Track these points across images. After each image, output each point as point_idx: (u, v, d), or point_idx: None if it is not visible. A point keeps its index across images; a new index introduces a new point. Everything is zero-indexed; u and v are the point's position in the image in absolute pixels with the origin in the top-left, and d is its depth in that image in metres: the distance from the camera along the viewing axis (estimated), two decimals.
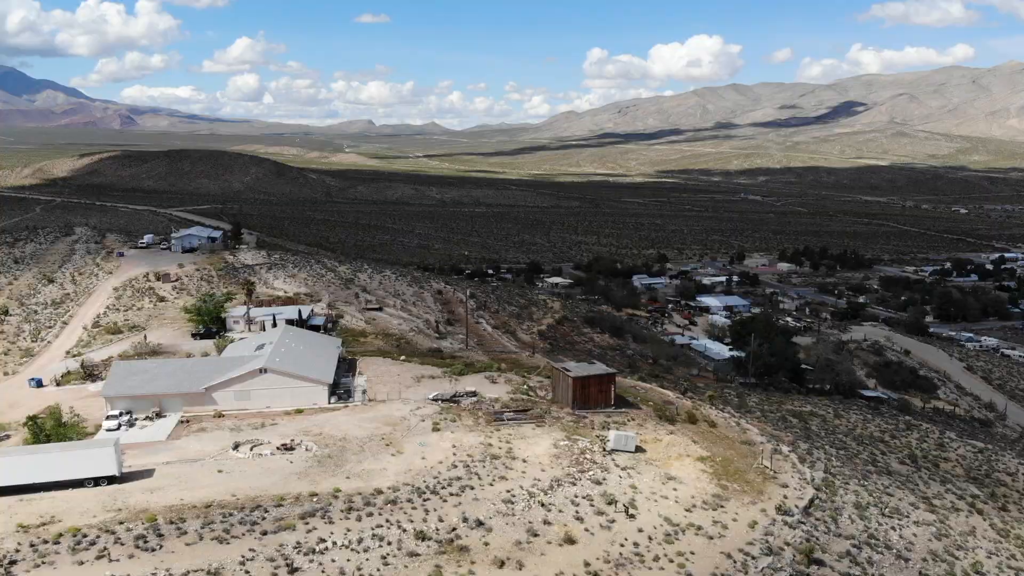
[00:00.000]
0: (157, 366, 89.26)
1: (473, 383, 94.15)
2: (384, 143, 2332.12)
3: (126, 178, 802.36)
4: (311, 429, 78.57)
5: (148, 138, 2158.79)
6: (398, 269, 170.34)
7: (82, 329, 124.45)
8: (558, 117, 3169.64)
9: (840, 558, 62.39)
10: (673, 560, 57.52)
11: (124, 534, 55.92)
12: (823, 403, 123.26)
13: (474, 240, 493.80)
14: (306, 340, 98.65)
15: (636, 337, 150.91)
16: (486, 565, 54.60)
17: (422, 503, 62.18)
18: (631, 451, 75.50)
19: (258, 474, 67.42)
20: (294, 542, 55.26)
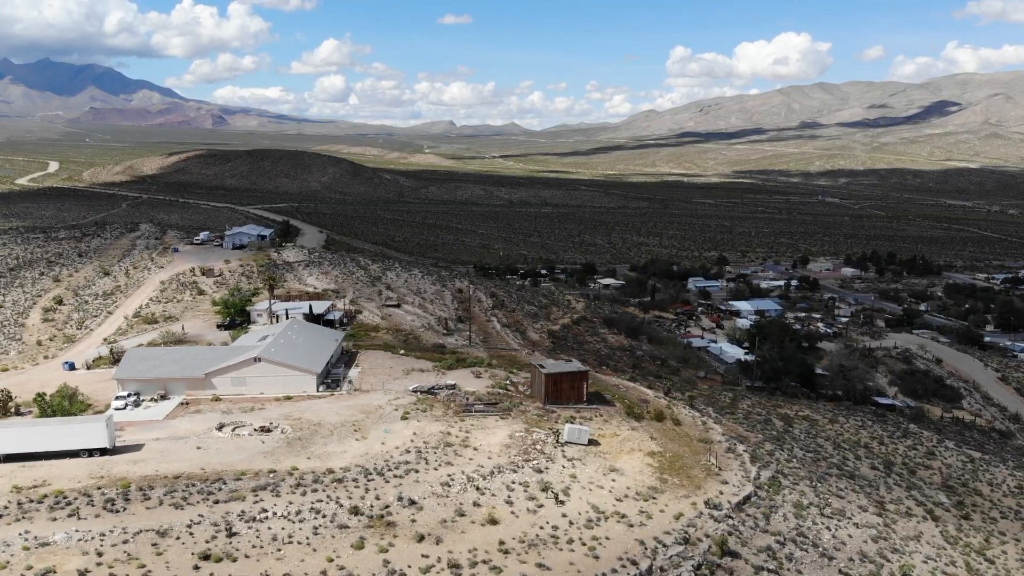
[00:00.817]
0: (166, 353, 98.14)
1: (458, 377, 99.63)
2: (463, 144, 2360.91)
3: (210, 176, 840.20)
4: (292, 414, 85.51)
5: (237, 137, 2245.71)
6: (426, 268, 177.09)
7: (123, 319, 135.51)
8: (638, 116, 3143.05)
9: (758, 552, 65.11)
10: (586, 543, 61.51)
11: (98, 497, 63.61)
12: (826, 408, 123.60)
13: (534, 240, 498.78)
14: (307, 333, 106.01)
15: (651, 338, 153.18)
16: (406, 539, 59.89)
17: (366, 482, 67.96)
18: (583, 444, 79.50)
19: (231, 452, 74.56)
20: (239, 511, 61.83)
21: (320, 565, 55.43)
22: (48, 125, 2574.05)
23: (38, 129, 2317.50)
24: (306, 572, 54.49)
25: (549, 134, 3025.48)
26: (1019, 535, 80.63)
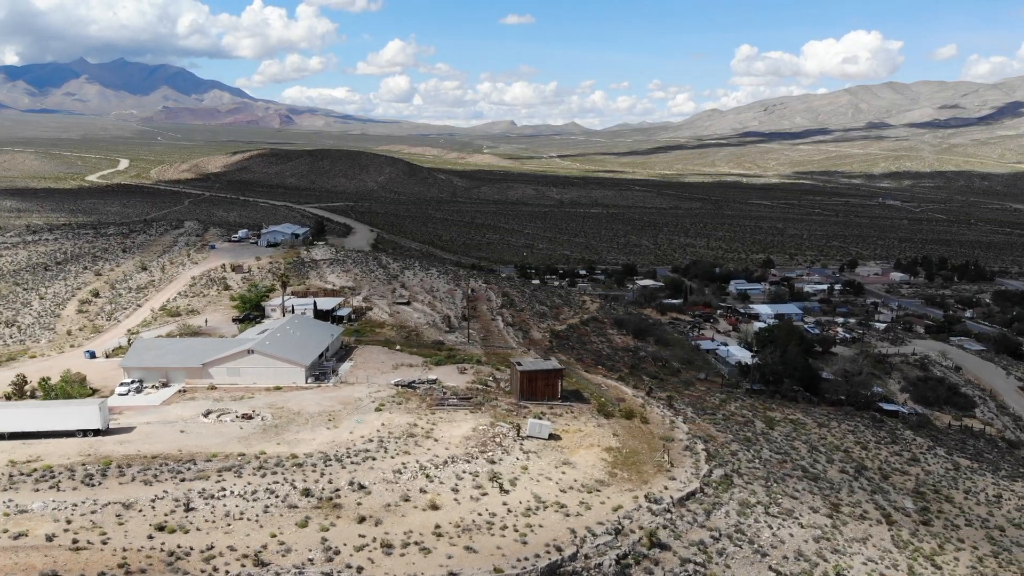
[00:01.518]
0: (169, 344, 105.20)
1: (444, 373, 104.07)
2: (522, 144, 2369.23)
3: (272, 175, 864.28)
4: (277, 403, 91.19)
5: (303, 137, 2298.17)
6: (444, 267, 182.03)
7: (150, 311, 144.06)
8: (700, 115, 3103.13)
9: (689, 545, 67.72)
10: (518, 530, 65.16)
11: (80, 472, 69.99)
12: (821, 413, 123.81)
13: (579, 241, 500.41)
14: (304, 327, 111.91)
15: (659, 340, 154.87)
16: (348, 520, 64.51)
17: (324, 467, 72.87)
18: (544, 438, 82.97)
19: (210, 436, 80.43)
20: (200, 488, 67.38)
21: (263, 540, 60.46)
22: (122, 123, 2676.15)
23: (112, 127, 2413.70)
24: (248, 545, 59.55)
25: (609, 133, 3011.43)
26: (978, 543, 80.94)
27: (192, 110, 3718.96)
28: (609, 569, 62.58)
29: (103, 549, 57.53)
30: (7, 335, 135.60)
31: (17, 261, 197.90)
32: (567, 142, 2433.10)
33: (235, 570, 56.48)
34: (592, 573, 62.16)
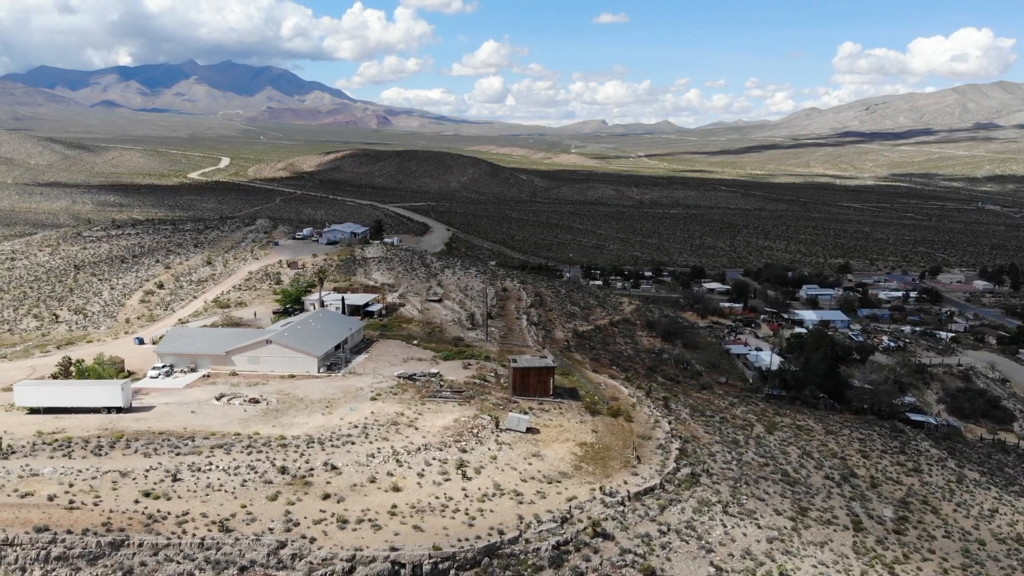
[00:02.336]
0: (199, 333, 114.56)
1: (449, 367, 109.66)
2: (611, 143, 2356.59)
3: (361, 175, 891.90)
4: (285, 390, 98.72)
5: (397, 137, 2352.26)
6: (484, 267, 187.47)
7: (203, 303, 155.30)
8: (798, 114, 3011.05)
9: (634, 537, 70.96)
10: (468, 513, 69.95)
11: (92, 444, 78.82)
12: (837, 421, 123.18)
13: (652, 242, 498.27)
14: (326, 321, 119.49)
15: (687, 343, 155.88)
16: (314, 497, 70.75)
17: (306, 449, 79.50)
18: (522, 431, 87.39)
19: (216, 417, 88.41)
20: (191, 462, 74.97)
21: (233, 509, 67.33)
22: (228, 123, 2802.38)
23: (219, 126, 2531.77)
24: (219, 513, 66.48)
25: (702, 132, 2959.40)
26: (950, 555, 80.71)
27: (294, 110, 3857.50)
28: (546, 554, 66.63)
29: (93, 510, 65.54)
30: (74, 321, 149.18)
31: (99, 253, 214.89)
32: (657, 141, 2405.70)
33: (202, 534, 63.46)
34: (529, 556, 66.37)
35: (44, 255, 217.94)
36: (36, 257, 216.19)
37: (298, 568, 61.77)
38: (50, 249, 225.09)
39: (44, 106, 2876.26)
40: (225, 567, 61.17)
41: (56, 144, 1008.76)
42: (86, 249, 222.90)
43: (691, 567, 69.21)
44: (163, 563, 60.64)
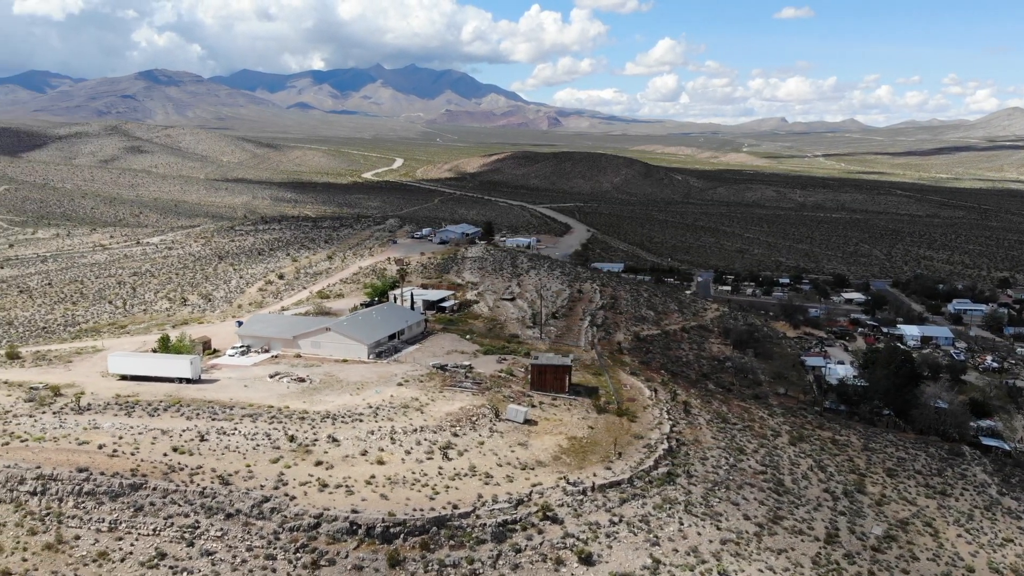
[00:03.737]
0: (275, 318, 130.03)
1: (485, 361, 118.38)
2: (788, 142, 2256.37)
3: (518, 176, 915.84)
4: (332, 372, 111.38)
5: (564, 138, 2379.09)
6: (573, 270, 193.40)
7: (308, 294, 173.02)
8: (999, 114, 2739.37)
9: (582, 524, 76.57)
10: (435, 488, 78.44)
11: (152, 406, 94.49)
12: (888, 439, 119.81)
13: (801, 248, 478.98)
14: (387, 313, 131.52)
15: (760, 352, 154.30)
16: (309, 463, 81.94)
17: (319, 422, 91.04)
18: (519, 422, 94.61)
19: (262, 392, 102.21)
20: (220, 427, 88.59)
21: (238, 467, 79.83)
22: (409, 125, 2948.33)
23: (400, 128, 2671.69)
24: (225, 469, 79.14)
25: (889, 132, 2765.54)
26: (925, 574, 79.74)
27: (471, 113, 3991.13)
28: (490, 529, 73.96)
29: (128, 458, 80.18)
30: (198, 305, 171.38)
31: (243, 246, 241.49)
32: (839, 140, 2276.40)
33: (205, 484, 76.26)
34: (475, 530, 73.99)
35: (197, 246, 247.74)
36: (190, 247, 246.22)
37: (273, 520, 73.03)
38: (204, 240, 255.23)
39: (245, 107, 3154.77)
40: (215, 513, 73.50)
41: (247, 143, 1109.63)
42: (233, 242, 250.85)
43: (629, 556, 74.00)
44: (167, 505, 73.90)
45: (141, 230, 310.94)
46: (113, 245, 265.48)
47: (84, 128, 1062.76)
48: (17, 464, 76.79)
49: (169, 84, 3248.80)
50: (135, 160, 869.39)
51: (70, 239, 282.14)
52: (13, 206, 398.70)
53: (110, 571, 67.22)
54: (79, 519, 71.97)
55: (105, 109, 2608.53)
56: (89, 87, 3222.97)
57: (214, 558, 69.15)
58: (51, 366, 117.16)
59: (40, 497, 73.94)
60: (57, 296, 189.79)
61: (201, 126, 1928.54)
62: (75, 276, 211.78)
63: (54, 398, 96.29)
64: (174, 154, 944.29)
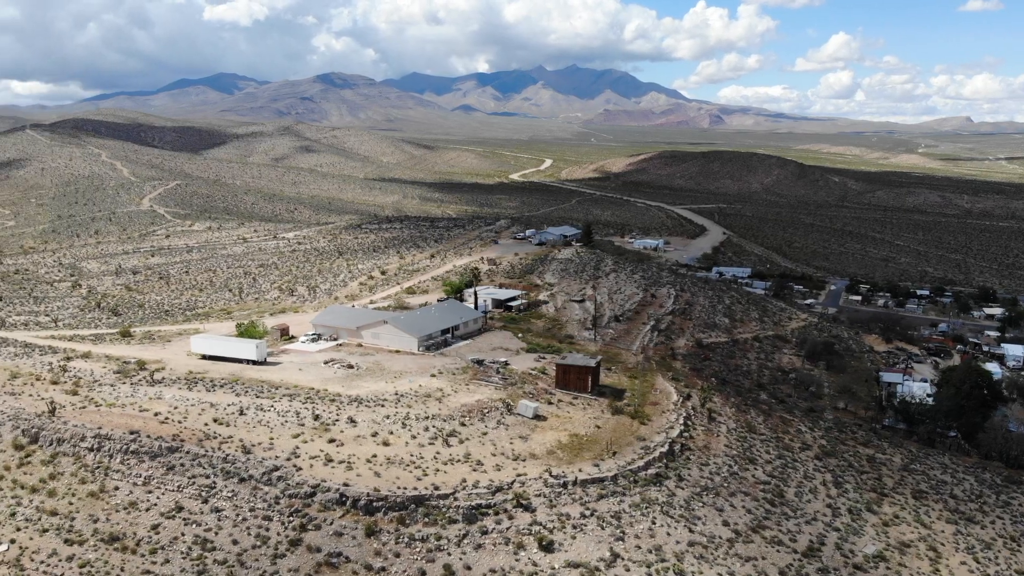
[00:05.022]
0: (345, 311, 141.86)
1: (524, 358, 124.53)
2: (971, 143, 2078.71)
3: (663, 176, 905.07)
4: (380, 361, 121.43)
5: (725, 137, 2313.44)
6: (657, 274, 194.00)
7: (397, 289, 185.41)
8: None
9: (553, 514, 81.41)
10: (425, 471, 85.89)
11: (212, 382, 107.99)
12: (934, 460, 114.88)
13: (953, 258, 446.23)
14: (446, 310, 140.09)
15: (832, 366, 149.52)
16: (323, 440, 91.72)
17: (345, 405, 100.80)
18: (528, 417, 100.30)
19: (311, 375, 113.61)
20: (260, 403, 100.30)
21: (261, 439, 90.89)
22: (566, 125, 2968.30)
23: (557, 129, 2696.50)
24: (251, 440, 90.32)
25: None
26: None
27: (629, 112, 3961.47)
28: (462, 511, 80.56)
29: (175, 425, 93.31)
30: (303, 296, 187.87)
31: (364, 243, 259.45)
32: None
33: (230, 452, 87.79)
34: (449, 511, 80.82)
35: (324, 241, 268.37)
36: (318, 243, 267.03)
37: (278, 486, 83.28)
38: (331, 237, 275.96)
39: (413, 109, 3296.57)
40: (231, 476, 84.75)
41: (407, 145, 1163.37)
42: (356, 239, 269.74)
43: (589, 548, 78.26)
44: (194, 467, 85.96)
45: (283, 225, 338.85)
46: (253, 238, 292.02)
47: (260, 128, 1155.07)
48: (83, 424, 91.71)
49: (344, 87, 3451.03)
50: (303, 159, 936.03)
51: (219, 232, 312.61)
52: (182, 200, 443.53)
53: (135, 518, 79.83)
54: (121, 473, 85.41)
55: (285, 110, 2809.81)
56: (271, 89, 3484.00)
57: (221, 514, 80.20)
58: (152, 344, 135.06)
59: (95, 453, 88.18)
60: (189, 283, 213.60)
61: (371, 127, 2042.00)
62: (210, 266, 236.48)
63: (137, 371, 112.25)
64: (339, 154, 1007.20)
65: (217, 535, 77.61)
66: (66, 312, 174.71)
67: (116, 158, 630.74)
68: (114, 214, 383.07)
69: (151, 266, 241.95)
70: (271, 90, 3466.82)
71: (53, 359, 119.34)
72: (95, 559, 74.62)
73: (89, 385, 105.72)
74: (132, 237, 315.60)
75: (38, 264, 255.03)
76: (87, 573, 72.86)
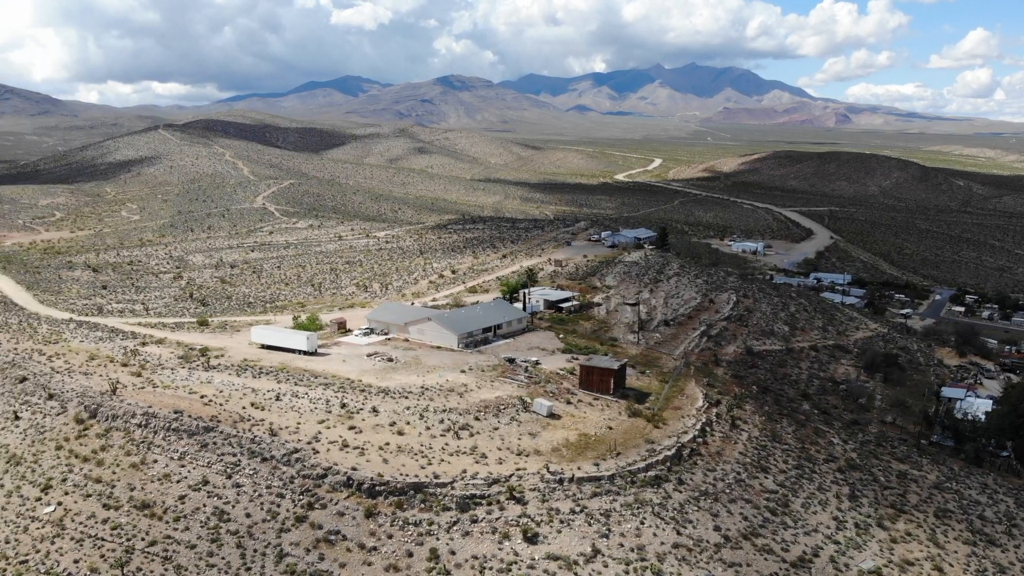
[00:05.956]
0: (397, 307, 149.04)
1: (556, 358, 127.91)
2: None
3: (776, 177, 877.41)
4: (419, 356, 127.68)
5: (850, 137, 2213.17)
6: (721, 279, 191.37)
7: (462, 288, 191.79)
8: None
9: (543, 508, 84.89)
10: (430, 460, 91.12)
11: (260, 370, 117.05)
12: (974, 480, 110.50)
13: None
14: (491, 309, 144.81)
15: (890, 379, 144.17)
16: (344, 426, 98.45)
17: (373, 395, 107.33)
18: (543, 415, 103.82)
19: (351, 367, 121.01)
20: (296, 391, 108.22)
21: (289, 423, 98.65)
22: (682, 125, 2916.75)
23: (672, 128, 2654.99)
24: (279, 424, 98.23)
25: None
26: None
27: (750, 111, 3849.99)
28: (456, 499, 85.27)
29: (216, 407, 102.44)
30: (375, 292, 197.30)
31: (445, 242, 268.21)
32: None
33: (259, 433, 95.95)
34: (444, 499, 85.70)
35: (410, 241, 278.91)
36: (405, 242, 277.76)
37: (294, 467, 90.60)
38: (417, 236, 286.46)
39: (528, 111, 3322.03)
40: (255, 456, 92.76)
41: (515, 146, 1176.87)
42: (440, 238, 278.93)
43: (572, 542, 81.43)
44: (224, 445, 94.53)
45: (378, 224, 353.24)
46: (348, 237, 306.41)
47: (377, 130, 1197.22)
48: (136, 403, 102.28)
49: (462, 89, 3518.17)
50: (416, 160, 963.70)
51: (318, 230, 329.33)
52: (293, 199, 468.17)
53: (166, 488, 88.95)
54: (161, 448, 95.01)
55: (406, 112, 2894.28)
56: (394, 92, 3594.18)
57: (240, 489, 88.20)
58: (223, 333, 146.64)
59: (142, 429, 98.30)
60: (278, 277, 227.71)
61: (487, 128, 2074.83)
62: (301, 262, 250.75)
63: (199, 357, 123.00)
64: (449, 155, 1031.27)
65: (234, 508, 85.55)
66: (160, 302, 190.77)
67: (239, 157, 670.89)
68: (228, 211, 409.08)
69: (248, 260, 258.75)
70: (393, 92, 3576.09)
71: (130, 344, 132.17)
72: (126, 523, 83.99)
73: (152, 368, 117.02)
74: (240, 233, 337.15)
75: (150, 256, 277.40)
76: (117, 535, 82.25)
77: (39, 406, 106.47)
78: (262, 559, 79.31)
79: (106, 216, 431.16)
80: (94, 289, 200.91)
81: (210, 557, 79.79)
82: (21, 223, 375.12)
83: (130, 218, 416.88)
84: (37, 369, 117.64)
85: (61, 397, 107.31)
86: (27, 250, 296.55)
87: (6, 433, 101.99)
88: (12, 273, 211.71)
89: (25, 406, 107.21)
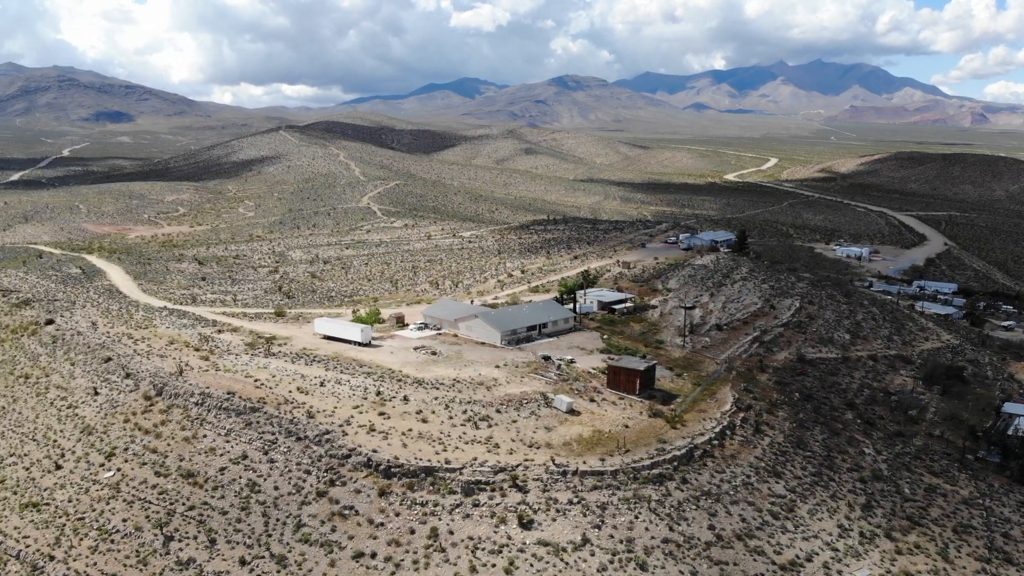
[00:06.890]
0: (450, 304, 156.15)
1: (592, 358, 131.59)
2: None
3: (896, 179, 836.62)
4: (461, 351, 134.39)
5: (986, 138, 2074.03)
6: (790, 285, 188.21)
7: (525, 287, 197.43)
8: None
9: (543, 497, 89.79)
10: (446, 447, 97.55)
11: (314, 359, 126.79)
12: (1011, 496, 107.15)
13: None
14: (538, 309, 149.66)
15: (948, 391, 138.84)
16: (374, 412, 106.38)
17: (408, 385, 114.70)
18: (562, 411, 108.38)
19: (396, 358, 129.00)
20: (339, 378, 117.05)
21: (326, 407, 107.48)
22: (805, 123, 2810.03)
23: (794, 127, 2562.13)
24: (318, 407, 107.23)
25: None
26: None
27: (878, 109, 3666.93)
28: (461, 484, 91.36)
29: (266, 390, 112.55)
30: (443, 289, 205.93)
31: (524, 243, 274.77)
32: None
33: (298, 416, 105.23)
34: (451, 483, 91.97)
35: (492, 240, 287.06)
36: (487, 241, 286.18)
37: (323, 447, 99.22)
38: (499, 236, 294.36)
39: (643, 109, 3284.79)
40: (291, 435, 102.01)
41: (622, 145, 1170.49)
42: (520, 239, 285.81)
43: (564, 530, 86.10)
44: (265, 424, 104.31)
45: (468, 224, 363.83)
46: (437, 236, 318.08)
47: (487, 131, 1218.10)
48: (197, 383, 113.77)
49: (576, 89, 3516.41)
50: (523, 161, 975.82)
51: (412, 229, 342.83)
52: (396, 199, 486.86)
53: (211, 460, 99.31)
54: (211, 424, 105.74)
55: (520, 113, 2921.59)
56: (509, 93, 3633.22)
57: (273, 465, 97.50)
58: (294, 323, 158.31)
59: (198, 407, 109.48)
60: (364, 273, 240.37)
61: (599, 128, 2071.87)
62: (388, 260, 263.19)
63: (264, 345, 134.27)
64: (555, 156, 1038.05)
65: (265, 481, 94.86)
66: (251, 294, 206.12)
67: (352, 158, 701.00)
68: (334, 209, 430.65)
69: (341, 257, 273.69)
70: (508, 94, 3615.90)
71: (207, 331, 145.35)
72: (171, 489, 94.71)
73: (220, 353, 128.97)
74: (340, 231, 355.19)
75: (254, 251, 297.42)
76: (163, 499, 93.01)
77: (116, 383, 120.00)
78: (282, 527, 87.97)
79: (224, 212, 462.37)
80: (194, 280, 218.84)
81: (238, 523, 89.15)
82: (147, 217, 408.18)
83: (245, 214, 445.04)
84: (122, 351, 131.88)
85: (136, 376, 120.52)
86: (148, 243, 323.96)
87: (84, 406, 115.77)
88: (125, 264, 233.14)
89: (105, 383, 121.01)
